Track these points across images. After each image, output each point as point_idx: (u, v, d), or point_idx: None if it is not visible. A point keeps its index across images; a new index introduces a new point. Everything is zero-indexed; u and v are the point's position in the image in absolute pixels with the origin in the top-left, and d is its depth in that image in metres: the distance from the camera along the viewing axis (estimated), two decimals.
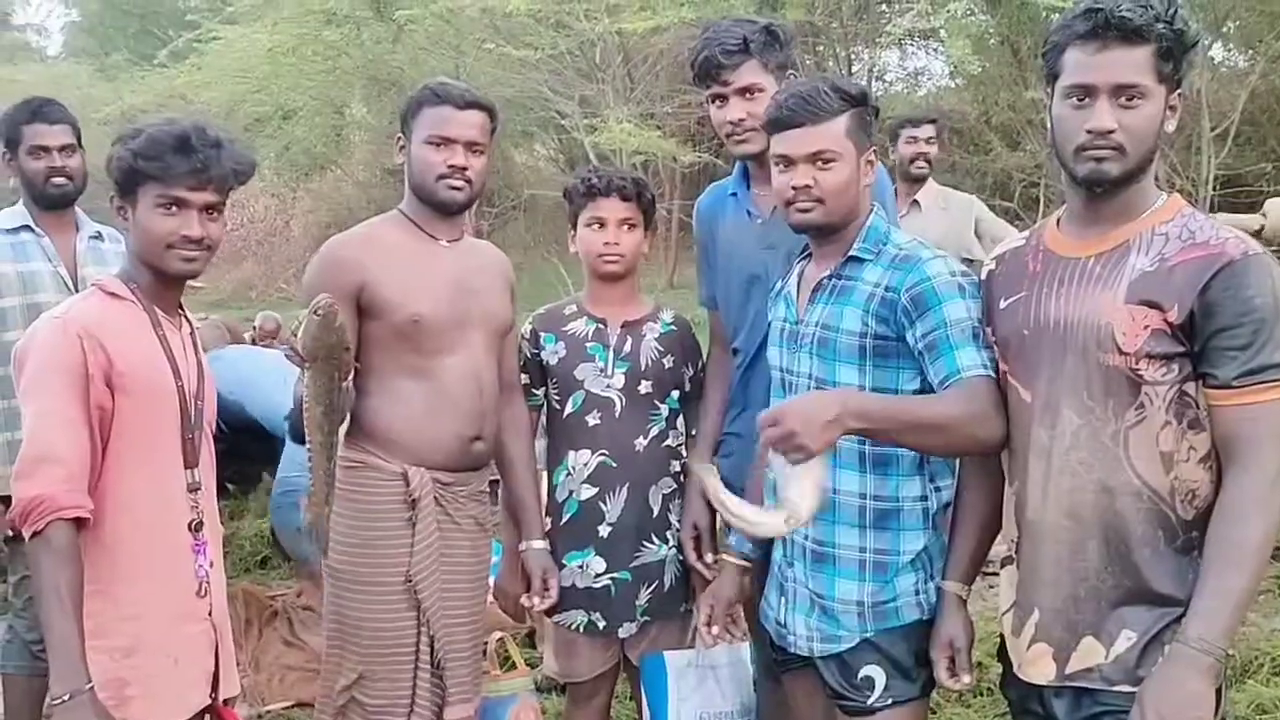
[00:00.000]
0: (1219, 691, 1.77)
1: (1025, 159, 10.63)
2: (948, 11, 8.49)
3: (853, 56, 13.03)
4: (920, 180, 4.86)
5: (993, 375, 2.04)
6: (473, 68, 11.90)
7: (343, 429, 2.26)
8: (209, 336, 5.85)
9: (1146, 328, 1.79)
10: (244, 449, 4.79)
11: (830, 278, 2.22)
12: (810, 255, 2.32)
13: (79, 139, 3.25)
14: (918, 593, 2.19)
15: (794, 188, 2.16)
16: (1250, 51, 10.48)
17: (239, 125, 15.23)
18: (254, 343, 6.91)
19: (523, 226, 14.96)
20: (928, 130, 4.85)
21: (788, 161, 2.18)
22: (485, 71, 11.93)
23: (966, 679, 2.10)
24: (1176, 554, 1.81)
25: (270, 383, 4.38)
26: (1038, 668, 1.91)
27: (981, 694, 3.70)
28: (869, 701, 2.17)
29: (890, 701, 2.17)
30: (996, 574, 2.14)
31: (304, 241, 15.89)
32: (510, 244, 15.16)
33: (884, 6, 12.06)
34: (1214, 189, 9.51)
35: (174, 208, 2.02)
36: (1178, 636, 1.76)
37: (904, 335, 2.12)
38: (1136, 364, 1.80)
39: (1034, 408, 1.92)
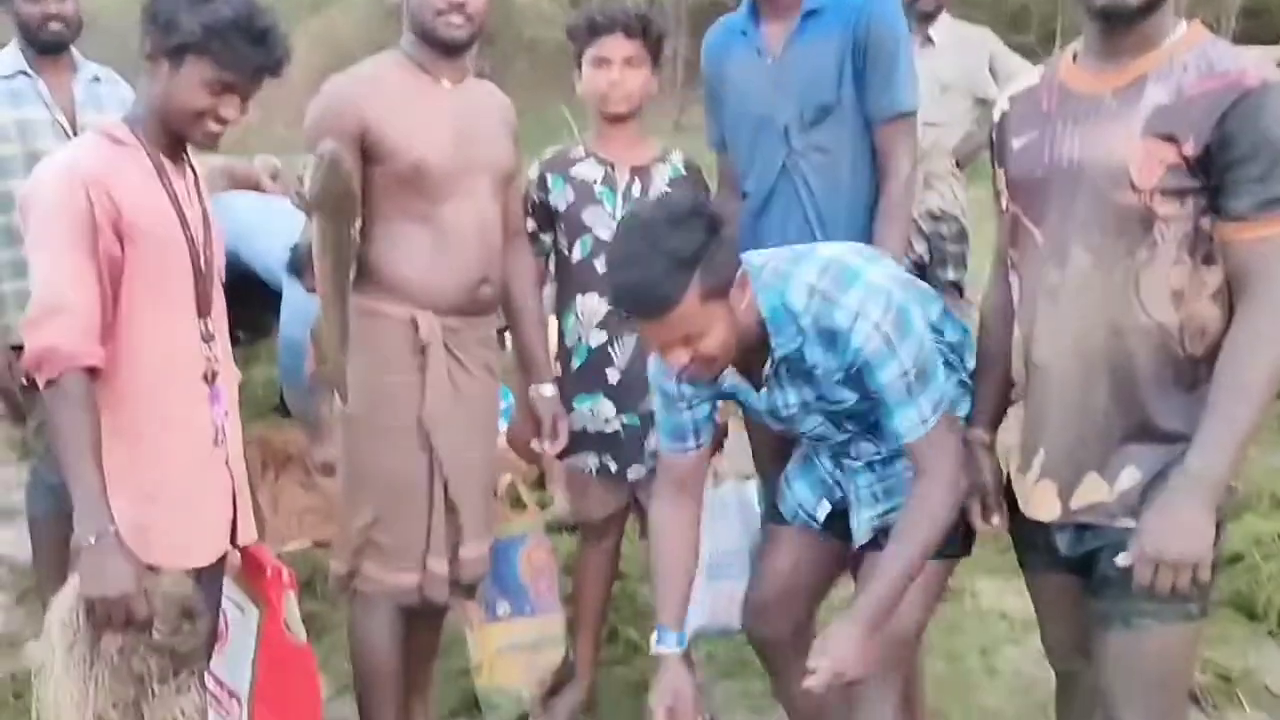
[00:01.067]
0: (1219, 525, 1.79)
1: None
2: None
3: None
4: (931, 16, 4.70)
5: (933, 424, 2.01)
6: None
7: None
8: (206, 179, 5.76)
9: (1162, 163, 1.75)
10: (245, 297, 4.76)
11: (774, 368, 2.11)
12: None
13: None
14: None
15: (674, 365, 2.00)
16: None
17: None
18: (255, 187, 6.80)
19: (525, 68, 14.66)
20: None
21: (660, 348, 2.00)
22: None
23: (996, 519, 2.11)
24: (1184, 392, 1.82)
25: (267, 232, 4.34)
26: (1043, 505, 1.94)
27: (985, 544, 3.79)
28: None
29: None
30: None
31: (301, 85, 15.59)
32: (512, 87, 14.81)
33: None
34: (1237, 21, 9.27)
35: (223, 92, 1.97)
36: (1179, 467, 1.77)
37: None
38: (1150, 201, 1.77)
39: (1045, 248, 1.90)
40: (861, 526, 2.26)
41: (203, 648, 2.04)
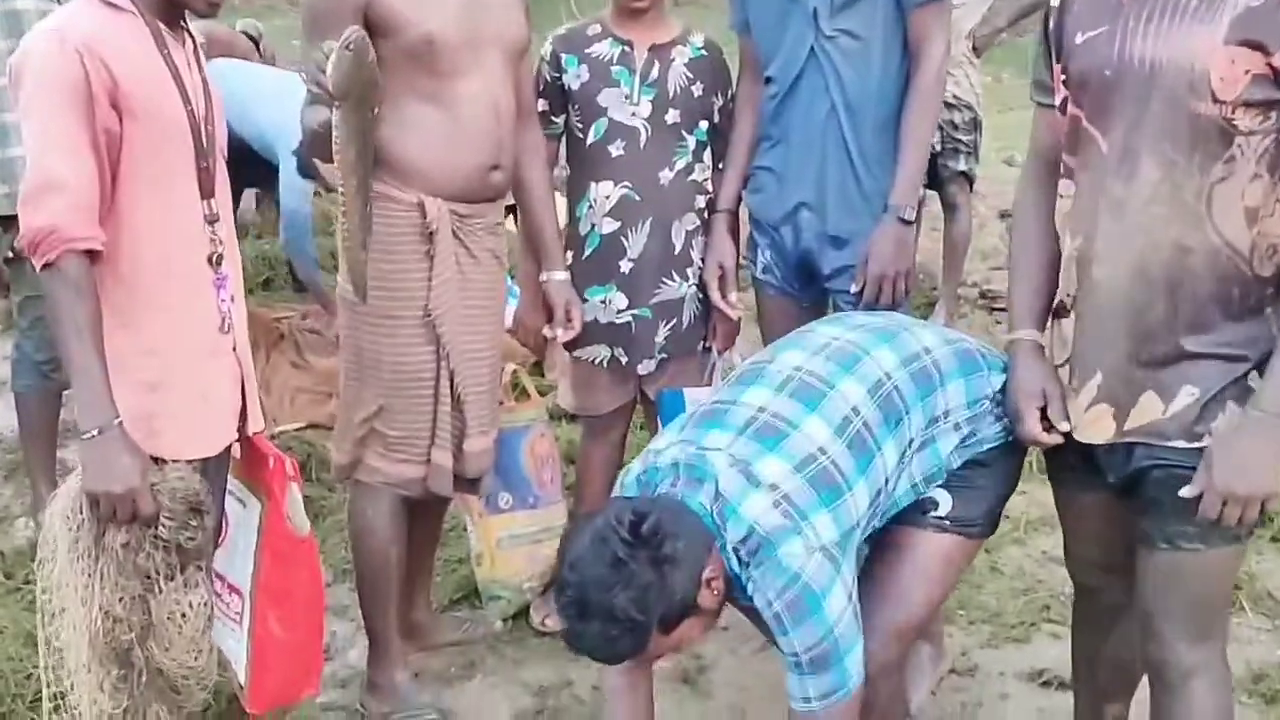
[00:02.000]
0: None
1: None
2: None
3: None
4: None
5: (815, 705, 1.81)
6: None
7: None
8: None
9: (1247, 72, 1.62)
10: (235, 169, 4.65)
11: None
12: None
13: None
14: (996, 404, 2.01)
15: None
16: None
17: None
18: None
19: None
20: None
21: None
22: None
23: (1065, 426, 1.89)
24: (1250, 312, 1.73)
25: (259, 101, 4.18)
26: (1097, 428, 1.84)
27: None
28: (927, 516, 2.03)
29: (949, 524, 2.02)
30: None
31: None
32: None
33: None
34: None
35: None
36: (1252, 402, 1.70)
37: None
38: (1232, 114, 1.64)
39: (1110, 157, 1.77)
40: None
41: (210, 543, 1.98)
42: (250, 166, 4.12)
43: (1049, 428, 1.90)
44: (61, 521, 1.83)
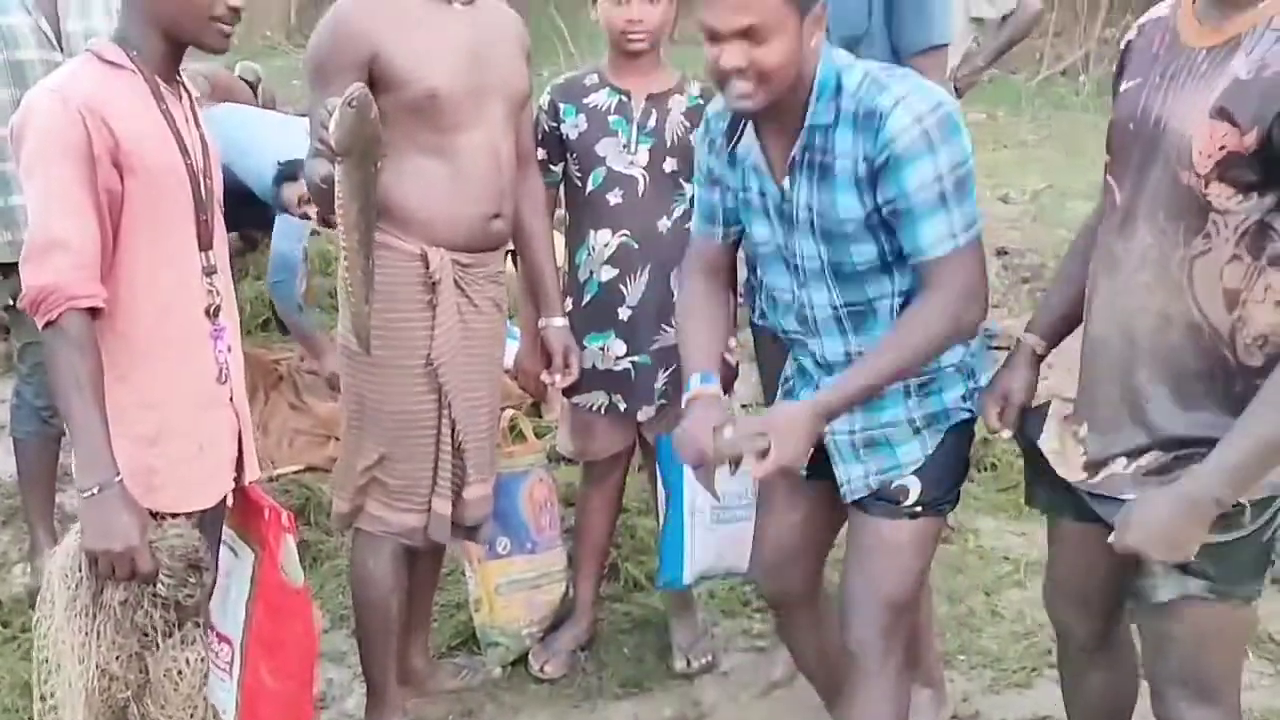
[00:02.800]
0: (1269, 545, 1.71)
1: None
2: None
3: None
4: None
5: (963, 243, 1.88)
6: None
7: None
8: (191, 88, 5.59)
9: (1222, 148, 1.58)
10: (235, 213, 4.67)
11: (803, 150, 1.94)
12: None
13: None
14: (965, 399, 2.10)
15: (724, 67, 1.84)
16: None
17: None
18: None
19: None
20: None
21: (714, 36, 1.85)
22: None
23: (1007, 433, 2.02)
24: (1234, 400, 1.67)
25: (258, 146, 4.21)
26: (1070, 466, 1.86)
27: (985, 469, 3.77)
28: (899, 506, 2.08)
29: (920, 510, 2.08)
30: None
31: None
32: None
33: None
34: None
35: None
36: (1188, 471, 1.66)
37: None
38: (1206, 187, 1.61)
39: (1117, 213, 1.76)
40: (852, 483, 2.11)
41: (207, 598, 1.98)
42: (247, 209, 4.14)
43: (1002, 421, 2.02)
44: (60, 579, 1.83)
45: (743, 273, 2.68)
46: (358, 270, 2.04)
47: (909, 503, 2.07)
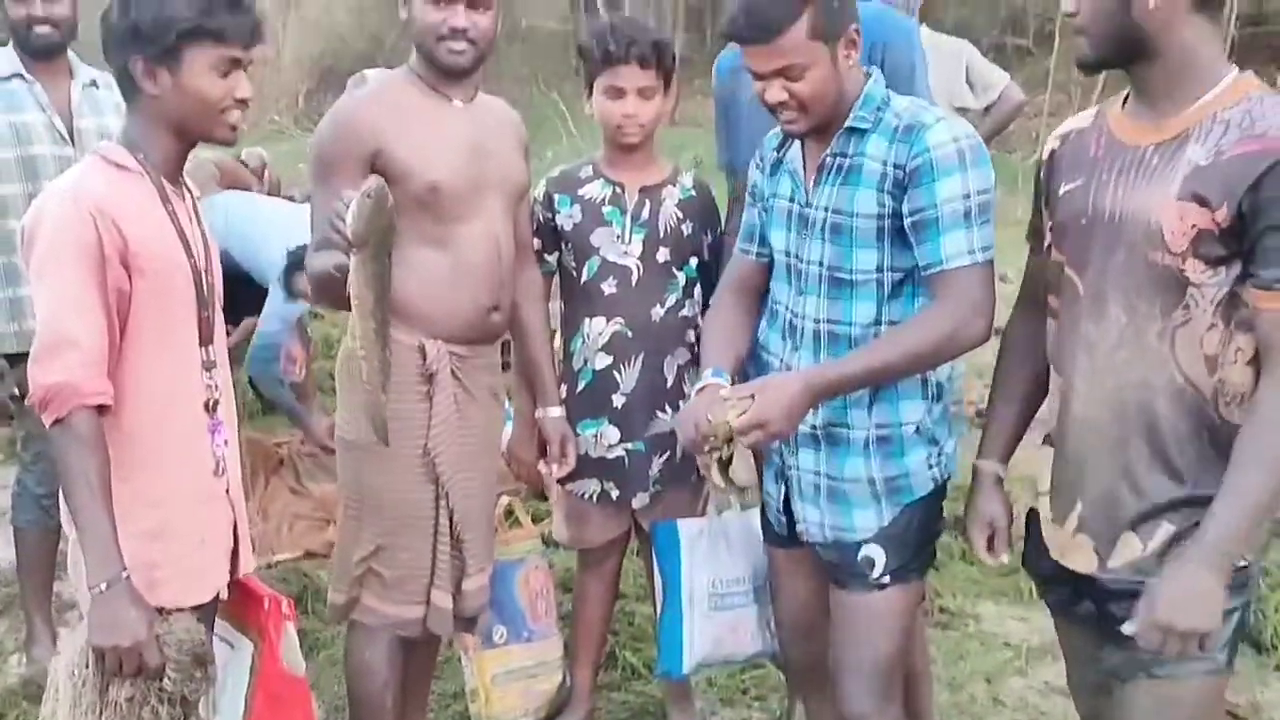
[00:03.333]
0: (1245, 604, 1.77)
1: None
2: None
3: None
4: None
5: (981, 261, 2.00)
6: None
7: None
8: (196, 174, 5.69)
9: (1194, 226, 1.70)
10: (236, 296, 4.72)
11: (833, 155, 2.11)
12: None
13: None
14: (930, 466, 2.18)
15: (769, 102, 2.04)
16: None
17: None
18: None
19: (519, 59, 14.53)
20: None
21: (756, 75, 2.05)
22: None
23: (1005, 557, 2.10)
24: (1220, 457, 1.76)
25: (260, 232, 4.30)
26: (1080, 558, 1.90)
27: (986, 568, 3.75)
28: (868, 579, 2.16)
29: (888, 580, 2.16)
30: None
31: (295, 71, 15.48)
32: (506, 76, 14.77)
33: None
34: (1236, 28, 9.23)
35: (230, 69, 1.91)
36: (1194, 536, 1.73)
37: None
38: (1183, 264, 1.72)
39: (1084, 300, 1.85)
40: (809, 526, 2.22)
41: (210, 691, 1.98)
42: (247, 293, 4.21)
43: (993, 551, 2.10)
44: (65, 676, 1.84)
45: None
46: (375, 360, 2.04)
47: (877, 574, 2.15)
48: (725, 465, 2.10)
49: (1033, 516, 2.05)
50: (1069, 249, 1.89)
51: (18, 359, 2.92)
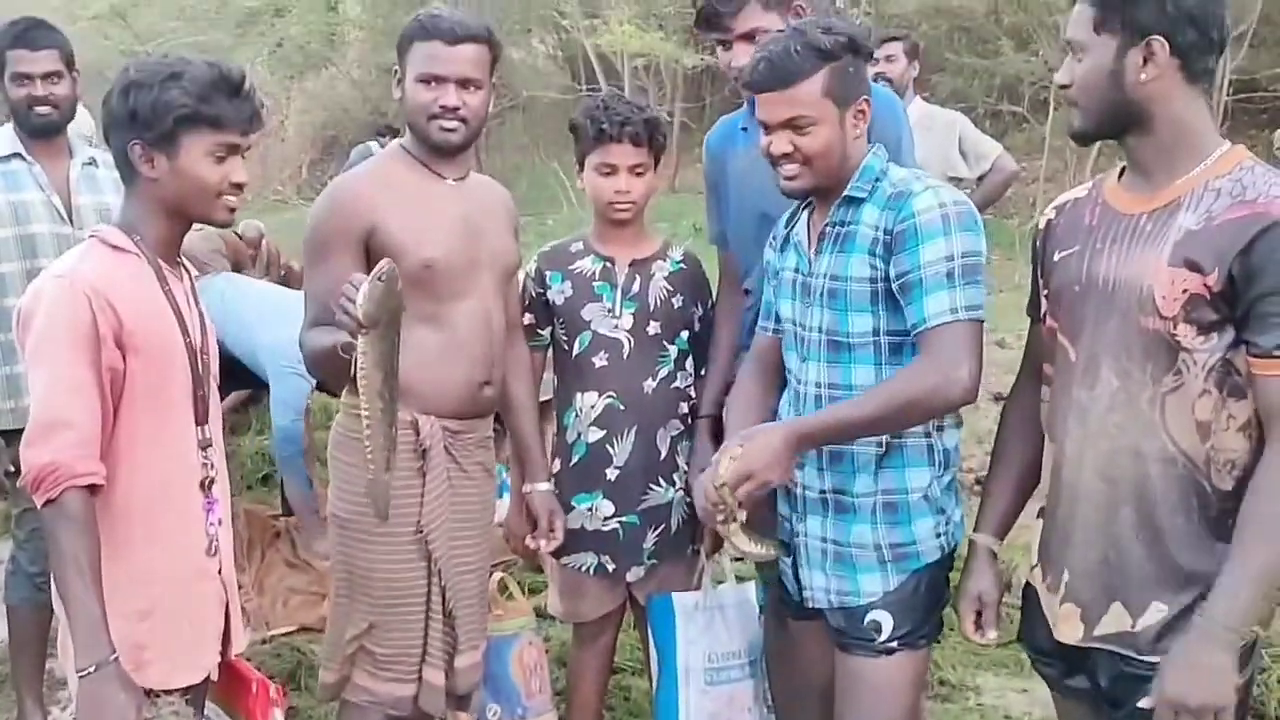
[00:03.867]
0: (1251, 650, 1.75)
1: (1036, 64, 10.37)
2: None
3: None
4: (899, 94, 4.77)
5: (965, 319, 2.02)
6: None
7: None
8: (200, 246, 5.75)
9: (1185, 291, 1.71)
10: (226, 378, 4.73)
11: (831, 224, 2.17)
12: (812, 203, 2.26)
13: (70, 64, 3.11)
14: (938, 535, 2.18)
15: (773, 154, 2.11)
16: None
17: (230, 21, 14.93)
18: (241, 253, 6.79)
19: (520, 127, 14.71)
20: (887, 49, 4.75)
21: (766, 126, 2.11)
22: None
23: (993, 634, 2.09)
24: (1212, 524, 1.76)
25: (253, 316, 4.33)
26: (1067, 626, 1.89)
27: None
28: (874, 644, 2.17)
29: (896, 645, 2.17)
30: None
31: (298, 142, 15.69)
32: (508, 145, 14.95)
33: None
34: (1229, 93, 9.33)
35: (226, 155, 1.95)
36: (1201, 610, 1.72)
37: None
38: (1175, 329, 1.73)
39: (1077, 366, 1.86)
40: (814, 591, 2.23)
41: None
42: (240, 372, 4.23)
43: (980, 629, 2.09)
44: None
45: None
46: (380, 438, 2.04)
47: (883, 639, 2.16)
48: (745, 527, 2.13)
49: (1029, 589, 2.04)
50: (1062, 316, 1.91)
51: (13, 435, 2.92)
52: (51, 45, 3.07)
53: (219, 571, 2.07)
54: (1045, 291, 1.97)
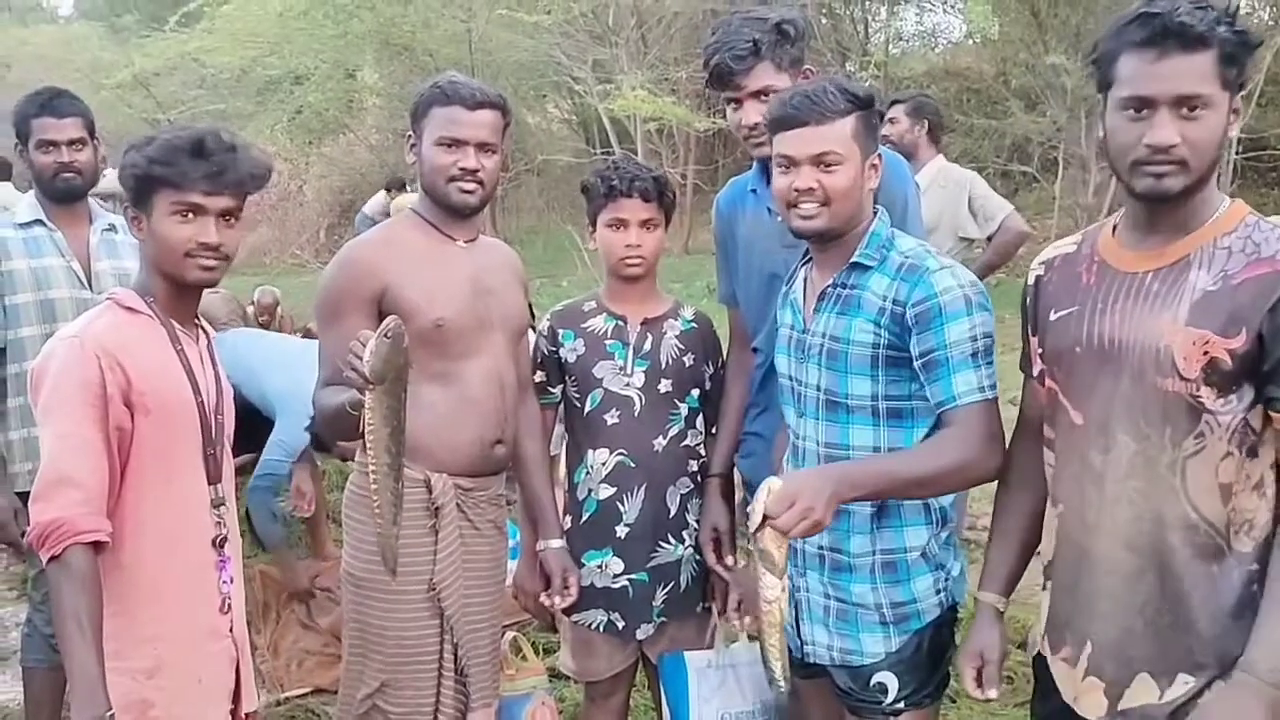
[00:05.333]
0: None
1: (1045, 124, 10.47)
2: None
3: (870, 17, 12.88)
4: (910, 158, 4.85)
5: (990, 398, 2.05)
6: (485, 32, 11.80)
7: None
8: (220, 309, 5.84)
9: (1206, 354, 1.68)
10: (250, 430, 4.77)
11: (834, 286, 2.19)
12: (811, 260, 2.28)
13: (91, 132, 3.20)
14: (938, 591, 2.20)
15: (797, 190, 2.13)
16: (1275, 8, 10.30)
17: (251, 89, 15.20)
18: (255, 319, 6.92)
19: (535, 190, 14.87)
20: (891, 111, 4.81)
21: (790, 162, 2.14)
22: (497, 35, 11.86)
23: (994, 692, 2.06)
24: (1234, 588, 1.73)
25: (262, 361, 4.40)
26: (1090, 701, 1.86)
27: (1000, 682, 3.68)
28: (882, 706, 2.18)
29: (902, 706, 2.17)
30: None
31: (317, 206, 15.89)
32: (523, 208, 15.10)
33: None
34: (1237, 152, 9.39)
35: (190, 214, 1.99)
36: (1240, 664, 1.69)
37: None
38: (1198, 391, 1.70)
39: (1086, 430, 1.83)
40: (816, 647, 2.24)
41: None
42: (257, 426, 4.26)
43: (981, 686, 2.06)
44: None
45: (738, 495, 2.74)
46: (387, 493, 2.07)
47: (890, 700, 2.17)
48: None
49: (1040, 659, 2.01)
50: (1063, 378, 1.88)
51: None
52: (75, 114, 3.16)
53: (230, 630, 2.08)
54: (1040, 350, 1.95)
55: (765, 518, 1.94)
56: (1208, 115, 1.70)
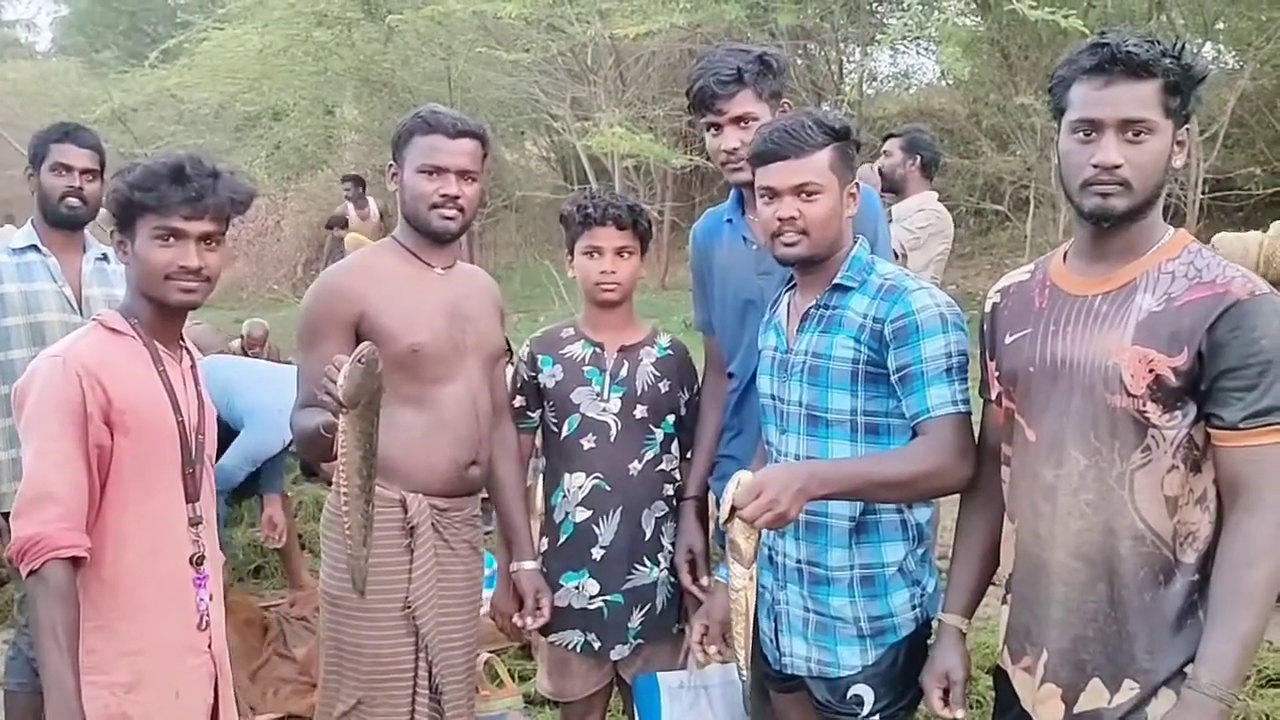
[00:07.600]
0: None
1: (1015, 163, 10.63)
2: (940, 15, 8.53)
3: (844, 58, 13.06)
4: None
5: (964, 411, 2.13)
6: (464, 69, 11.90)
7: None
8: (208, 339, 5.89)
9: (1152, 371, 1.77)
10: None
11: (817, 307, 2.27)
12: (795, 286, 2.37)
13: (103, 168, 3.26)
14: (914, 606, 2.26)
15: (779, 219, 2.21)
16: (1239, 53, 10.52)
17: (229, 125, 15.24)
18: (244, 351, 6.97)
19: (513, 226, 14.94)
20: (886, 145, 4.99)
21: (773, 193, 2.23)
22: (476, 73, 11.94)
23: (960, 713, 2.10)
24: (1177, 598, 1.80)
25: (236, 379, 4.47)
26: (1047, 709, 1.91)
27: (971, 706, 3.72)
28: (857, 718, 2.24)
29: (877, 719, 2.23)
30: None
31: (295, 241, 15.87)
32: (501, 244, 15.14)
33: (877, 6, 12.11)
34: (1203, 192, 9.55)
35: (171, 238, 2.03)
36: (1188, 682, 1.75)
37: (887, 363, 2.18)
38: (1144, 406, 1.78)
39: (1039, 446, 1.91)
40: (793, 659, 2.29)
41: None
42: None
43: (947, 706, 2.09)
44: None
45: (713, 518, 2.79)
46: (358, 514, 2.11)
47: (865, 713, 2.23)
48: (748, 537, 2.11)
49: (999, 672, 2.08)
50: (1019, 398, 1.96)
51: None
52: (94, 147, 3.26)
53: (209, 646, 2.11)
54: (997, 373, 2.03)
55: (734, 509, 2.01)
56: (1151, 140, 1.80)
